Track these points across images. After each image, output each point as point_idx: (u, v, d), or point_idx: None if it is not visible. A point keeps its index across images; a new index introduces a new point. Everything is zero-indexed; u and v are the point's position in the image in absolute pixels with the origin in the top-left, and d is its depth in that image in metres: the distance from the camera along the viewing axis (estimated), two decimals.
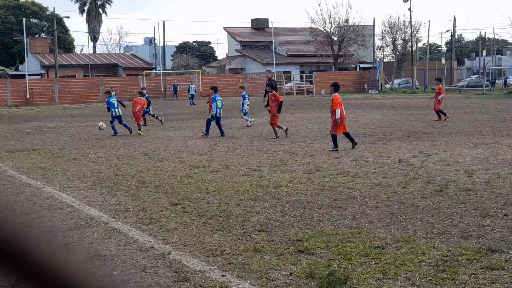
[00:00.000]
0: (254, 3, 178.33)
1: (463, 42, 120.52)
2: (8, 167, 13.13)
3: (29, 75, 51.69)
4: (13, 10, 79.77)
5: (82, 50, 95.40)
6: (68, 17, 74.71)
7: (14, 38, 74.50)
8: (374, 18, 64.54)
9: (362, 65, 68.98)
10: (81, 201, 9.17)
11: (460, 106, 32.90)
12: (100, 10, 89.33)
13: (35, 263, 0.92)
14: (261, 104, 25.61)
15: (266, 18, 76.52)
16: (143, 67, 67.08)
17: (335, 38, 65.20)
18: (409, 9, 60.09)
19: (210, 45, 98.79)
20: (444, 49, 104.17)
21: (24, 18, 58.07)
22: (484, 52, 65.84)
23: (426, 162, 12.24)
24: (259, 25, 76.07)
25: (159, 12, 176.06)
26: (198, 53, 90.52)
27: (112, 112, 20.64)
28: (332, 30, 65.01)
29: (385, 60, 71.84)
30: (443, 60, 60.00)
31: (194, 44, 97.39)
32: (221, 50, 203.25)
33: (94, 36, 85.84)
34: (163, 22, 63.45)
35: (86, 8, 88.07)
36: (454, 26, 64.05)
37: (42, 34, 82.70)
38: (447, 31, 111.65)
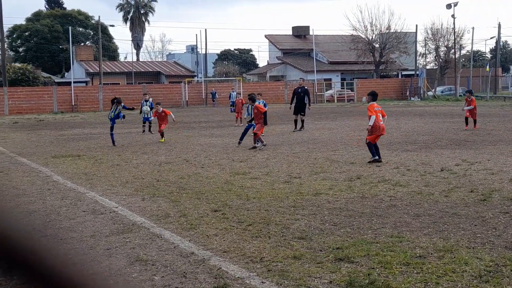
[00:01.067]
0: (295, 10, 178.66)
1: (508, 49, 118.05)
2: (53, 173, 13.44)
3: (74, 82, 52.90)
4: (60, 19, 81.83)
5: (126, 58, 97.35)
6: (113, 26, 75.95)
7: (60, 46, 76.39)
8: (416, 25, 64.21)
9: (404, 72, 68.22)
10: (124, 206, 9.32)
11: (504, 114, 32.20)
12: (143, 19, 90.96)
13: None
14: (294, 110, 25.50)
15: (307, 25, 76.59)
16: (185, 75, 67.87)
17: (377, 45, 64.68)
18: (453, 15, 59.05)
19: (251, 52, 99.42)
20: (489, 56, 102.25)
21: (70, 27, 59.50)
22: None
23: (469, 170, 12.02)
24: (300, 32, 76.15)
25: (201, 20, 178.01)
26: (239, 60, 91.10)
27: (114, 120, 19.65)
28: (373, 37, 64.56)
29: (428, 67, 70.85)
30: (487, 67, 58.78)
31: (236, 51, 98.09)
32: (262, 57, 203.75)
33: (137, 44, 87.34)
34: (205, 30, 64.24)
35: (129, 16, 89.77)
36: (499, 33, 62.82)
37: (87, 42, 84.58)
38: (491, 37, 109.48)
